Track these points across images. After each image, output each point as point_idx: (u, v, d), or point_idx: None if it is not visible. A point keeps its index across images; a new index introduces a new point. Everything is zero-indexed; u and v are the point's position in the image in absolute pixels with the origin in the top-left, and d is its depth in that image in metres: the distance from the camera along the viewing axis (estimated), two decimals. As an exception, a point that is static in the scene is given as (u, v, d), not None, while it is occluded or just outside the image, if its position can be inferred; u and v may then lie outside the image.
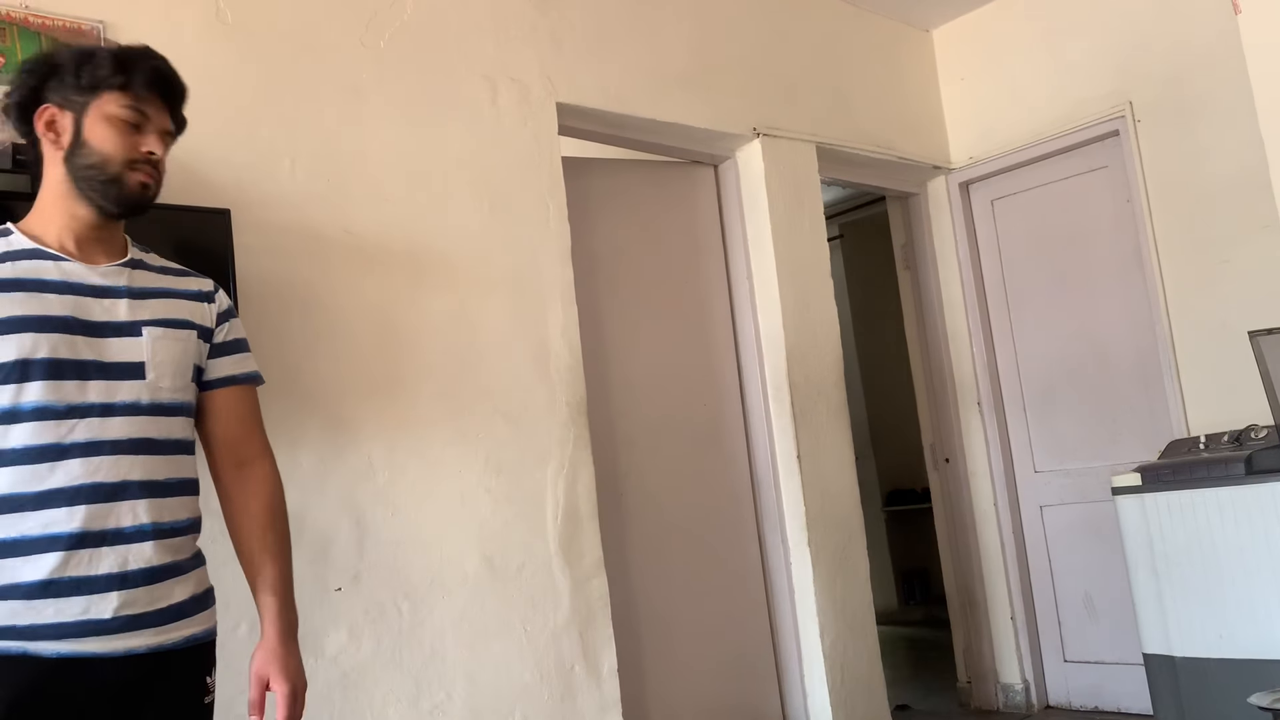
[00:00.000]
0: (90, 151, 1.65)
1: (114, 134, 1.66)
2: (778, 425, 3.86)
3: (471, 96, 3.18)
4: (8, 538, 1.50)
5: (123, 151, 1.66)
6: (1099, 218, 4.33)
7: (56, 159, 1.67)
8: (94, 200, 1.67)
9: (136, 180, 1.68)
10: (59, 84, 1.66)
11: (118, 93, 1.66)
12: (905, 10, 4.60)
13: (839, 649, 3.77)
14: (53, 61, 1.68)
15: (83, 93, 1.65)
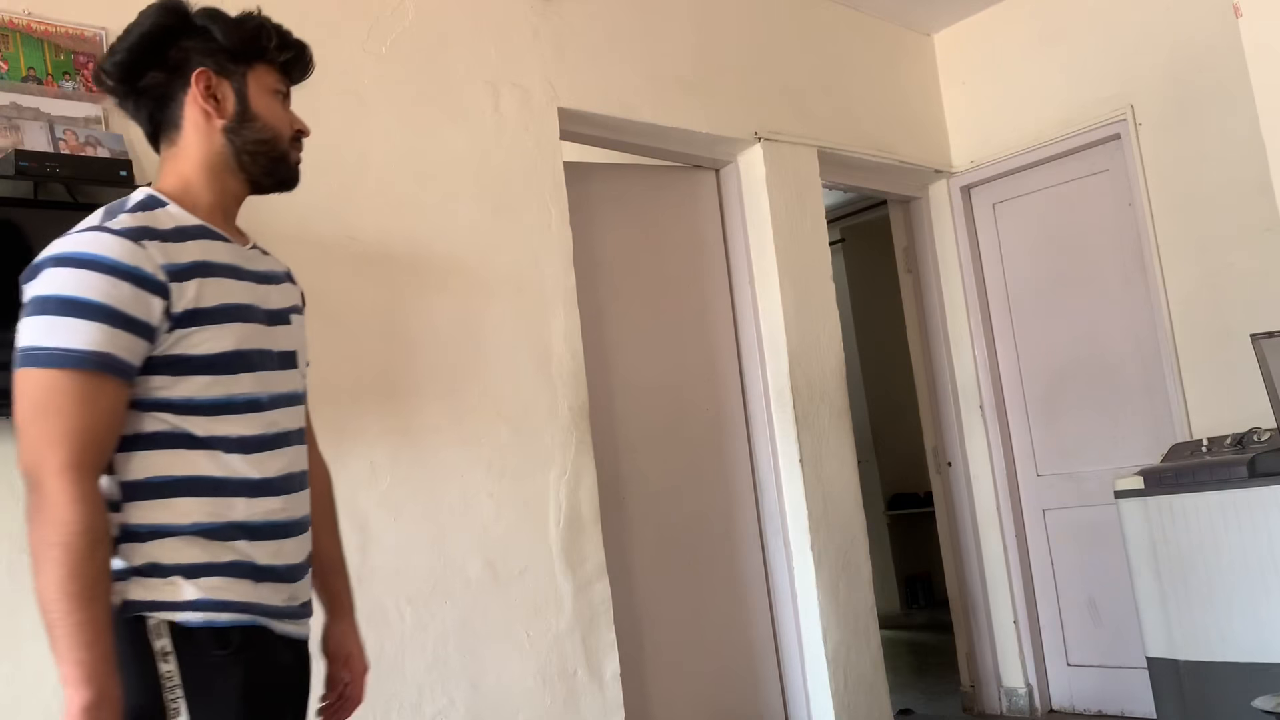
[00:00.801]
0: (262, 126, 1.58)
1: (278, 108, 1.60)
2: (780, 429, 3.86)
3: (474, 102, 3.18)
4: (236, 521, 1.46)
5: (285, 126, 1.61)
6: (1100, 221, 4.33)
7: (213, 129, 1.56)
8: (254, 175, 1.61)
9: (296, 157, 1.64)
10: (207, 46, 1.54)
11: (271, 66, 1.59)
12: (906, 14, 4.60)
13: (842, 653, 3.77)
14: (190, 20, 1.55)
15: (238, 61, 1.56)
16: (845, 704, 3.73)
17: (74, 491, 1.33)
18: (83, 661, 1.30)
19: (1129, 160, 4.15)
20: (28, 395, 1.36)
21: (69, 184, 2.32)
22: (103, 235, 1.43)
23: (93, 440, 1.36)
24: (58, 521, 1.33)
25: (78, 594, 1.32)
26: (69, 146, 2.35)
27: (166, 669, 1.39)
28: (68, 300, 1.37)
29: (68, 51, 2.45)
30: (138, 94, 1.57)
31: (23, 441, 1.36)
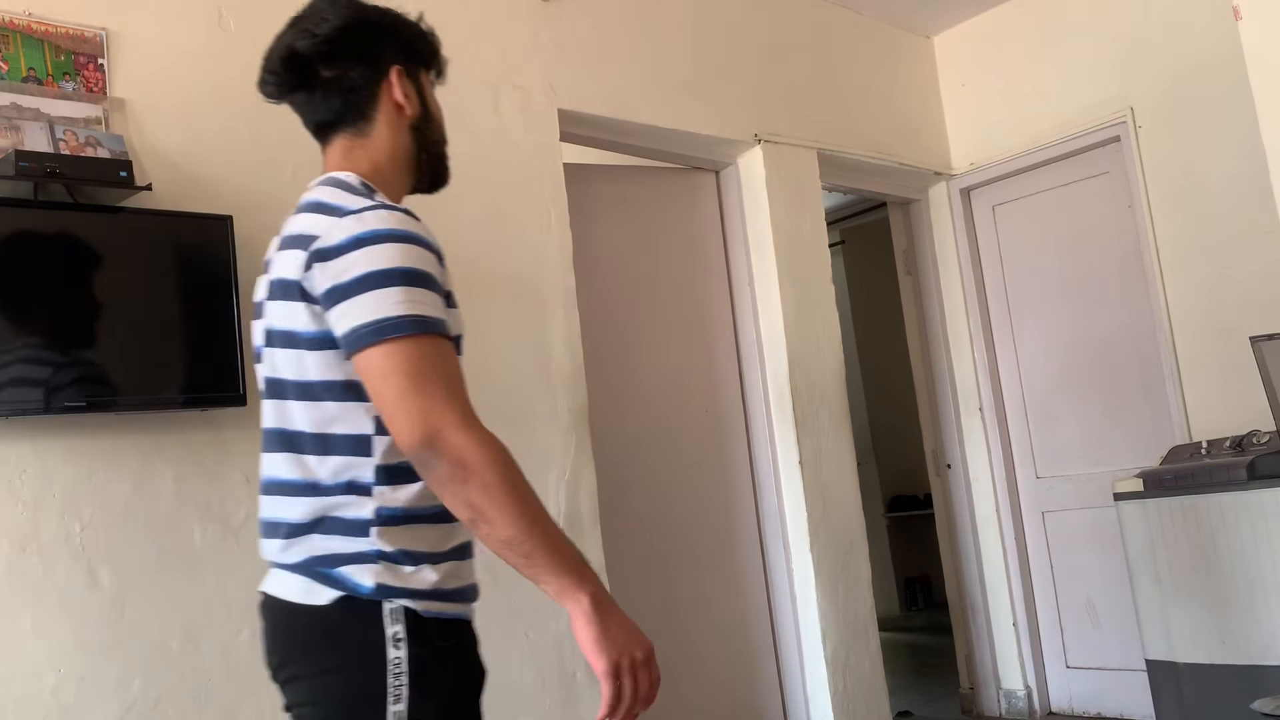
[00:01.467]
0: (436, 127, 1.66)
1: (440, 111, 1.68)
2: (779, 431, 3.86)
3: (474, 103, 3.18)
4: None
5: (444, 132, 1.69)
6: (1100, 223, 4.33)
7: (402, 125, 1.60)
8: (424, 174, 1.68)
9: (448, 160, 1.71)
10: (398, 44, 1.59)
11: (430, 71, 1.67)
12: (907, 16, 4.60)
13: (841, 655, 3.76)
14: (372, 16, 1.58)
15: (416, 62, 1.62)
16: (844, 705, 3.73)
17: (484, 437, 1.38)
18: (570, 568, 1.38)
19: (1129, 162, 4.15)
20: (398, 367, 1.35)
21: (69, 184, 2.32)
22: (399, 214, 1.45)
23: (463, 395, 1.40)
24: (488, 467, 1.36)
25: (536, 516, 1.38)
26: (69, 147, 2.35)
27: (396, 655, 1.39)
28: (405, 271, 1.39)
29: (68, 52, 2.45)
30: (321, 84, 1.57)
31: (402, 416, 1.34)
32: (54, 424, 2.29)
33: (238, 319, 2.48)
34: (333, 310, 1.39)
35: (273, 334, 1.47)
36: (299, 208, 1.54)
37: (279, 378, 1.47)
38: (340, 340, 1.39)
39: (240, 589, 2.50)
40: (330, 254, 1.39)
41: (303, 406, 1.45)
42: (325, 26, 1.54)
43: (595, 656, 1.37)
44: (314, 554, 1.43)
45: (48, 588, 2.25)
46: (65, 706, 2.23)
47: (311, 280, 1.40)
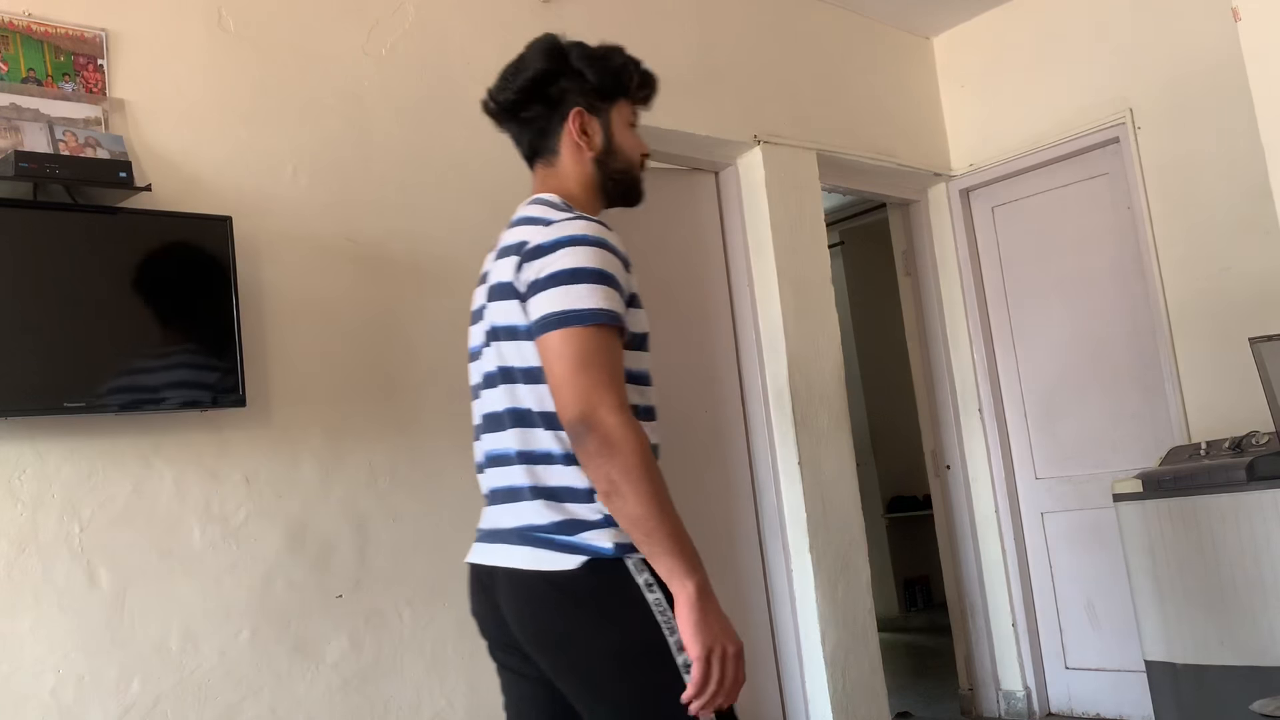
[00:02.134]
0: (622, 158, 1.86)
1: (632, 139, 1.88)
2: (779, 432, 3.86)
3: (473, 104, 3.14)
4: None
5: (637, 155, 1.89)
6: (1099, 224, 4.33)
7: (585, 159, 1.84)
8: (613, 197, 1.89)
9: (643, 179, 1.92)
10: (581, 86, 1.83)
11: (629, 101, 1.88)
12: (906, 18, 4.61)
13: (840, 655, 3.76)
14: (568, 62, 1.84)
15: (604, 99, 1.85)
16: (843, 706, 3.73)
17: (631, 423, 1.56)
18: (684, 552, 1.55)
19: (1128, 163, 4.15)
20: (574, 350, 1.58)
21: (69, 185, 2.32)
22: (595, 223, 1.71)
23: (622, 384, 1.61)
24: (631, 450, 1.54)
25: (662, 501, 1.55)
26: (69, 148, 2.35)
27: (655, 598, 1.58)
28: (594, 271, 1.63)
29: (68, 53, 2.45)
30: (521, 122, 1.88)
31: (568, 391, 1.57)
32: (53, 424, 2.29)
33: (237, 319, 2.48)
34: (530, 300, 1.64)
35: (498, 330, 1.72)
36: (512, 223, 1.81)
37: (508, 366, 1.70)
38: (532, 326, 1.64)
39: (240, 589, 2.50)
40: (535, 254, 1.66)
41: (530, 389, 1.67)
42: (521, 78, 1.84)
43: (691, 640, 1.53)
44: (548, 520, 1.64)
45: (47, 588, 2.25)
46: (65, 706, 2.23)
47: (521, 279, 1.67)
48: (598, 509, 1.61)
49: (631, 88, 1.88)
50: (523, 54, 1.89)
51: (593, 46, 1.89)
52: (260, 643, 2.51)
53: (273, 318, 2.66)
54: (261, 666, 2.51)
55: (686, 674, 1.54)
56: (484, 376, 1.77)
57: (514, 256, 1.70)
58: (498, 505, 1.73)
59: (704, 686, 1.52)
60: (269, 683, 2.51)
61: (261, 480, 2.58)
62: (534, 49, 1.88)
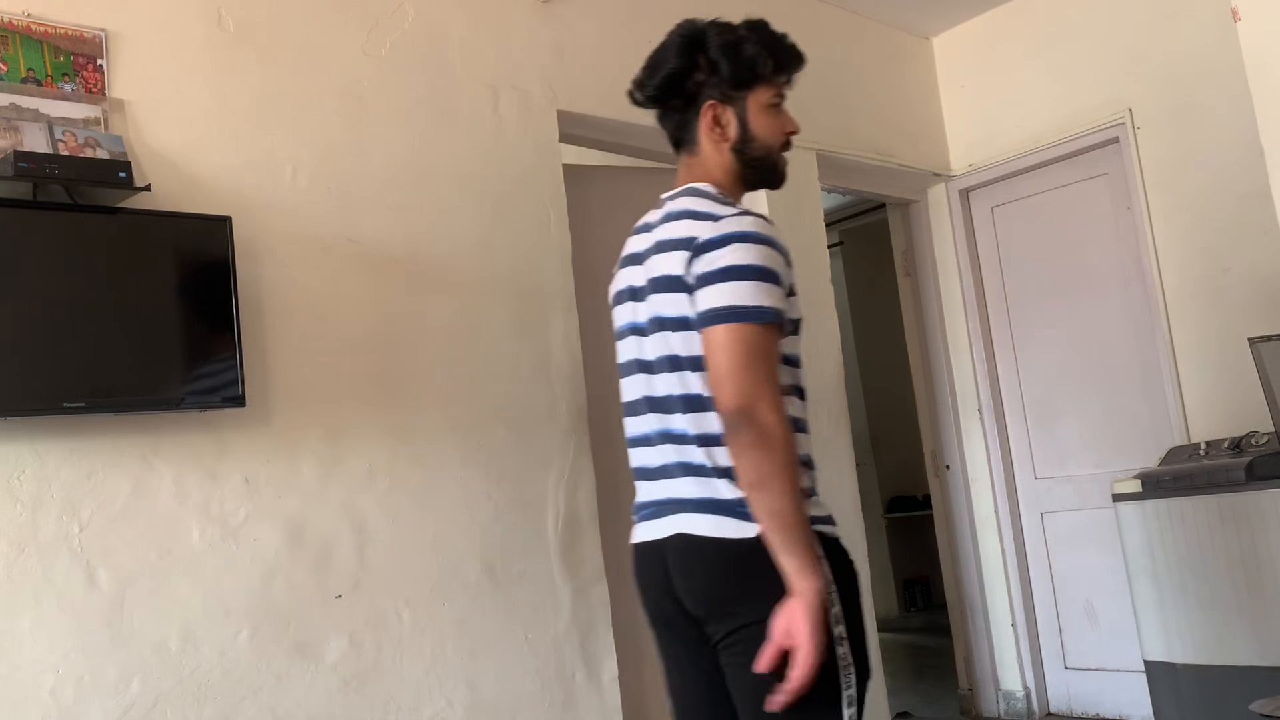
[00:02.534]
0: (758, 145, 1.91)
1: (770, 123, 1.91)
2: (778, 432, 3.85)
3: (473, 104, 3.18)
4: (806, 454, 1.81)
5: (777, 138, 1.93)
6: (1099, 225, 4.34)
7: (723, 149, 1.91)
8: (752, 183, 1.96)
9: (785, 161, 1.97)
10: (716, 79, 1.87)
11: (769, 85, 1.89)
12: (906, 18, 4.61)
13: (840, 656, 3.76)
14: (705, 53, 1.87)
15: (740, 88, 1.88)
16: (843, 707, 3.73)
17: (784, 423, 1.68)
18: (809, 551, 1.66)
19: (1127, 164, 4.15)
20: (742, 345, 1.68)
21: (68, 185, 2.32)
22: (760, 219, 1.80)
23: (778, 381, 1.71)
24: (785, 448, 1.66)
25: (798, 502, 1.67)
26: (68, 148, 2.35)
27: (823, 569, 1.69)
28: (759, 269, 1.72)
29: (67, 53, 2.45)
30: (662, 114, 1.95)
31: (731, 384, 1.67)
32: (53, 424, 2.29)
33: (237, 320, 2.48)
34: (698, 293, 1.74)
35: (666, 320, 1.81)
36: (669, 216, 1.87)
37: (676, 355, 1.80)
38: (697, 317, 1.74)
39: (239, 589, 2.50)
40: (705, 249, 1.75)
41: (700, 376, 1.77)
42: (658, 75, 1.90)
43: (806, 635, 1.64)
44: (731, 496, 1.73)
45: (46, 588, 2.25)
46: (64, 707, 2.23)
47: (691, 273, 1.76)
48: (804, 478, 1.75)
49: (767, 73, 1.89)
50: (662, 45, 1.91)
51: (731, 31, 1.89)
52: (260, 643, 2.51)
53: (272, 318, 2.66)
54: (261, 667, 2.51)
55: (838, 645, 1.68)
56: (655, 360, 1.85)
57: (683, 251, 1.78)
58: (668, 480, 1.82)
59: (800, 682, 1.63)
60: (268, 683, 2.51)
61: (261, 480, 2.57)
62: (671, 42, 1.90)
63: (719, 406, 1.70)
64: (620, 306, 1.94)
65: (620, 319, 1.94)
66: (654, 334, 1.84)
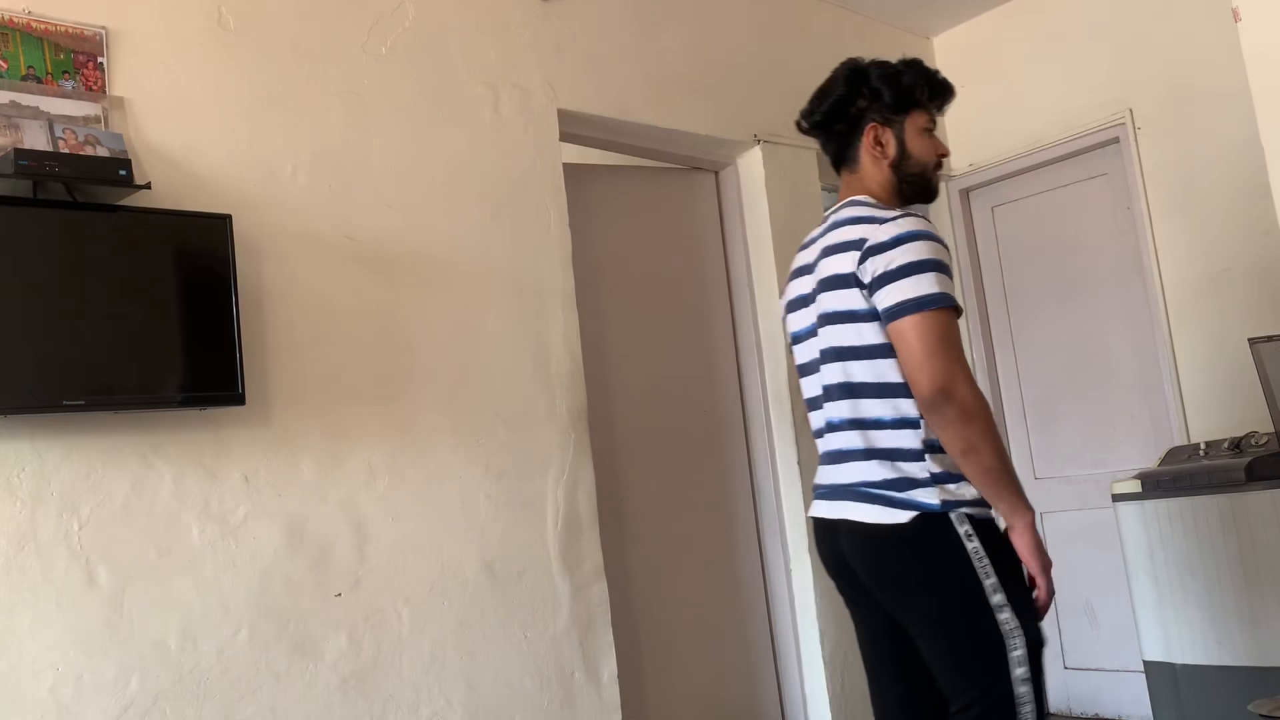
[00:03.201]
0: (914, 163, 2.14)
1: (925, 144, 2.15)
2: (778, 432, 3.86)
3: (473, 103, 3.18)
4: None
5: (931, 157, 2.16)
6: (1099, 225, 4.33)
7: (882, 166, 2.14)
8: (908, 197, 2.15)
9: (938, 179, 2.20)
10: (877, 104, 2.13)
11: (923, 110, 2.15)
12: (906, 17, 4.61)
13: (839, 656, 3.76)
14: (867, 81, 2.13)
15: (898, 112, 2.13)
16: (842, 707, 3.73)
17: (978, 391, 1.91)
18: (1022, 494, 1.93)
19: (1128, 164, 4.15)
20: (932, 331, 1.90)
21: (68, 183, 2.32)
22: (922, 219, 2.00)
23: (964, 357, 1.94)
24: (985, 415, 1.90)
25: (1005, 455, 1.92)
26: (68, 145, 2.35)
27: (973, 546, 1.92)
28: (933, 262, 1.93)
29: (67, 50, 2.45)
30: (827, 137, 2.20)
31: (927, 367, 1.89)
32: (53, 422, 2.29)
33: (236, 318, 2.48)
34: (879, 291, 1.94)
35: (831, 315, 2.03)
36: (834, 224, 2.10)
37: (839, 345, 2.02)
38: (882, 312, 1.94)
39: (238, 588, 2.50)
40: (879, 249, 1.95)
41: (863, 365, 1.99)
42: (826, 102, 2.16)
43: (1031, 558, 1.93)
44: (882, 477, 1.97)
45: (46, 586, 2.25)
46: (63, 705, 2.23)
47: (864, 271, 1.96)
48: (926, 468, 1.94)
49: (923, 100, 2.14)
50: (829, 79, 2.18)
51: (890, 66, 2.15)
52: (259, 641, 2.51)
53: (272, 316, 2.66)
54: (260, 665, 2.51)
55: (998, 613, 1.91)
56: (819, 353, 2.09)
57: (853, 251, 1.98)
58: (835, 465, 2.07)
59: (1048, 595, 1.94)
60: (267, 681, 2.51)
61: (260, 479, 2.57)
62: (838, 75, 2.17)
63: (917, 391, 1.90)
64: (793, 314, 2.19)
65: (793, 325, 2.19)
66: (821, 329, 2.07)
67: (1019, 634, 1.92)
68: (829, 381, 2.05)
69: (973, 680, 1.94)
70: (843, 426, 2.03)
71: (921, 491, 1.94)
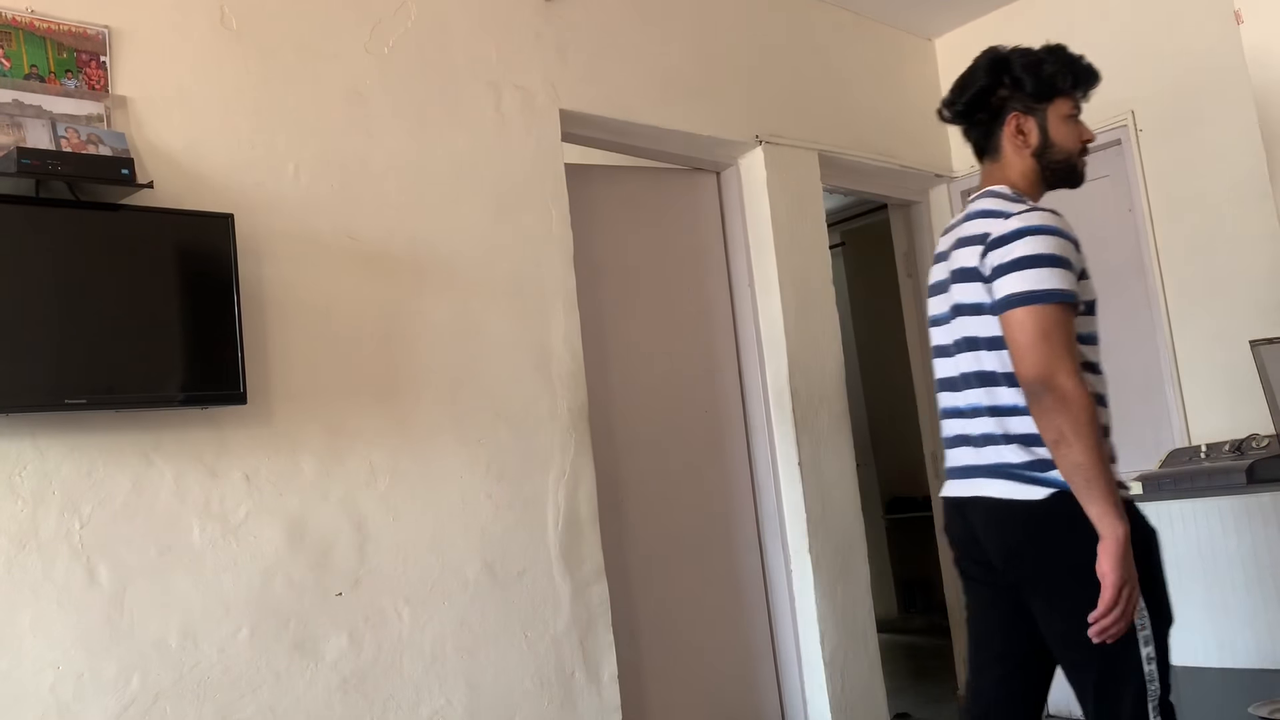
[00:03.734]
0: (1058, 151, 2.16)
1: (1069, 132, 2.17)
2: (779, 432, 3.86)
3: (475, 103, 3.18)
4: (1104, 424, 2.02)
5: (1076, 145, 2.18)
6: (1101, 226, 4.32)
7: (1025, 155, 2.17)
8: (1051, 183, 2.19)
9: (1084, 165, 2.21)
10: (1019, 93, 2.16)
11: (1066, 97, 2.16)
12: (908, 19, 4.61)
13: (839, 657, 3.76)
14: (1009, 70, 2.17)
15: (1040, 101, 2.15)
16: (842, 707, 3.73)
17: (1082, 387, 1.91)
18: (1115, 499, 1.90)
19: (1129, 166, 4.15)
20: (1036, 324, 1.93)
21: (71, 182, 2.32)
22: (1047, 213, 2.05)
23: (1074, 352, 1.95)
24: (1081, 408, 1.90)
25: (1100, 455, 1.90)
26: (71, 144, 2.35)
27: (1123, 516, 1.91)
28: (1050, 256, 1.97)
29: (70, 49, 2.45)
30: (970, 127, 2.24)
31: (1030, 357, 1.93)
32: (54, 421, 2.29)
33: (238, 317, 2.48)
34: (995, 282, 2.00)
35: (963, 306, 2.10)
36: (970, 214, 2.15)
37: (972, 336, 2.09)
38: (995, 304, 2.00)
39: (239, 587, 2.51)
40: (999, 243, 2.01)
41: (994, 355, 2.05)
42: (968, 93, 2.21)
43: (1110, 571, 1.87)
44: (1021, 460, 2.01)
45: (47, 585, 2.25)
46: (64, 703, 2.24)
47: (985, 265, 2.03)
48: (1107, 446, 1.99)
49: (1065, 88, 2.16)
50: (970, 69, 2.23)
51: (1032, 53, 2.18)
52: (260, 640, 2.51)
53: (274, 315, 2.67)
54: (261, 664, 2.51)
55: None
56: (954, 341, 2.15)
57: (978, 246, 2.05)
58: (967, 448, 2.15)
59: (1110, 610, 1.87)
60: (268, 680, 2.51)
61: (262, 478, 2.58)
62: (979, 64, 2.21)
63: (1020, 379, 1.95)
64: (932, 298, 2.24)
65: (931, 309, 2.24)
66: (953, 320, 2.14)
67: (1146, 615, 1.93)
68: (964, 370, 2.13)
69: (1096, 655, 1.99)
70: (980, 413, 2.10)
71: (1057, 472, 1.96)
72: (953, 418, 2.19)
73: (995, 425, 2.06)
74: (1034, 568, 2.03)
